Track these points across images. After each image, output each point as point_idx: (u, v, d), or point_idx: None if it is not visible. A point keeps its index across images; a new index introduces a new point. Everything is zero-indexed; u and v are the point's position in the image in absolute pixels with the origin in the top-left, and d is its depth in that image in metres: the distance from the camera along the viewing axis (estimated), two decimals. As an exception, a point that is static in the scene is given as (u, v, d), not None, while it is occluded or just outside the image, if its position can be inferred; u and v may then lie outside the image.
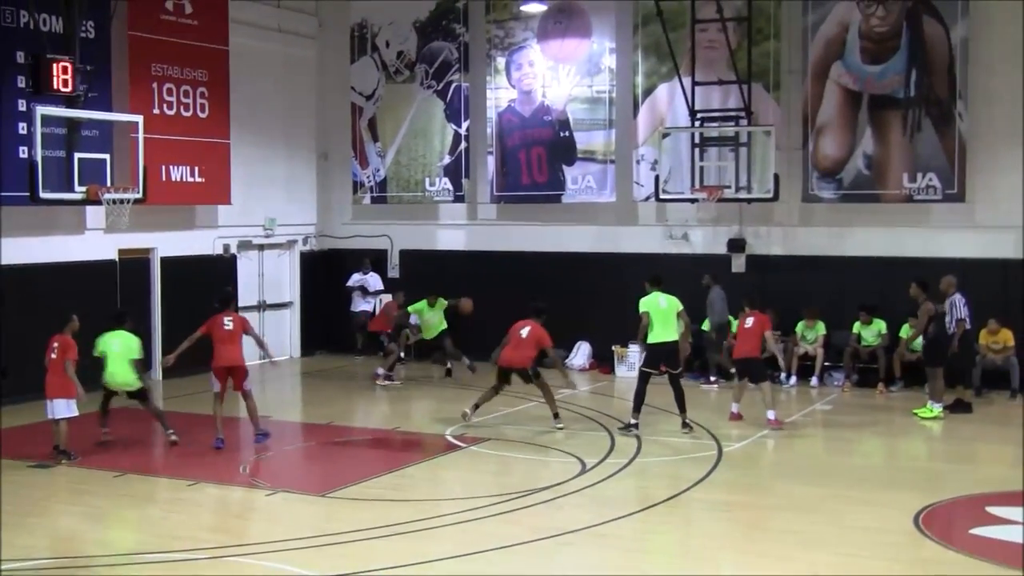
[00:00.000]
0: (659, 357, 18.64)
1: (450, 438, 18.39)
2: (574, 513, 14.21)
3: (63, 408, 16.63)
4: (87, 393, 16.88)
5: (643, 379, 18.75)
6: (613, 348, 25.07)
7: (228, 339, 17.83)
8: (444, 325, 24.49)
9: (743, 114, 24.16)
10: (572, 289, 25.44)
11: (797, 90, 24.33)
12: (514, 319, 19.07)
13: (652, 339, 18.58)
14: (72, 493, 15.37)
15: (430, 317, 24.39)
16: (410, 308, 24.62)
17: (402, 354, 25.32)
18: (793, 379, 23.22)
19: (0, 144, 20.67)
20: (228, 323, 17.87)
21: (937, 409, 20.03)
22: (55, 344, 16.81)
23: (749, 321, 19.67)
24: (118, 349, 17.40)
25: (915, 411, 20.31)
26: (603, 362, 25.54)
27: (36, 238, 21.76)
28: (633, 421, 18.59)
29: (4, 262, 21.04)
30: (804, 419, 20.18)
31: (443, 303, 24.43)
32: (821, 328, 23.38)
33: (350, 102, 28.44)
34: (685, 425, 18.59)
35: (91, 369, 17.51)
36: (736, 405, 19.78)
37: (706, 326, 23.70)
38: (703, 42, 24.61)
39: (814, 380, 23.21)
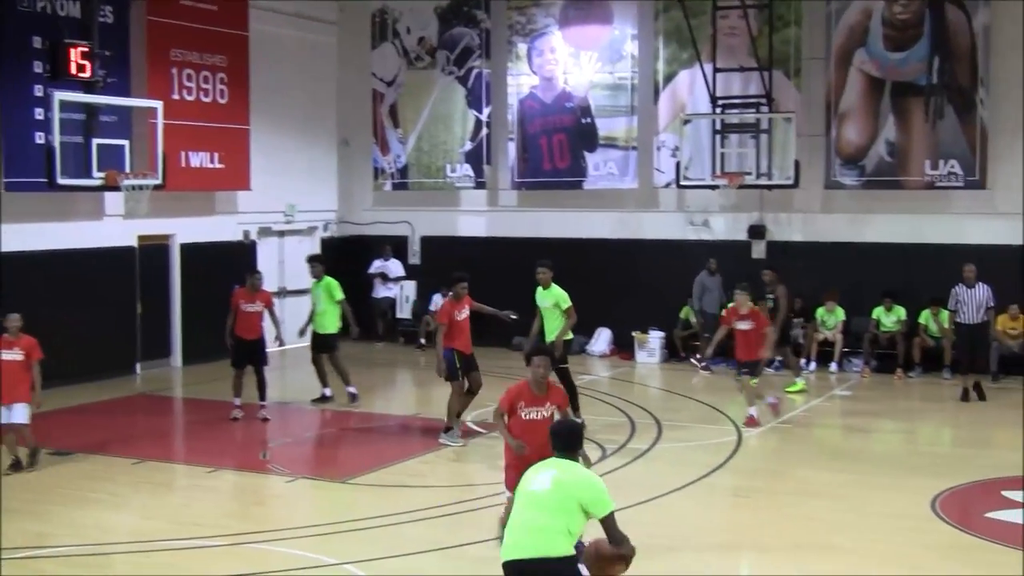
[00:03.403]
0: None
1: (471, 424, 18.22)
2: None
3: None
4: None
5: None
6: (633, 334, 25.08)
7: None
8: (335, 322, 20.32)
9: (764, 101, 24.10)
10: (593, 275, 25.33)
11: (818, 77, 24.23)
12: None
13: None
14: (91, 480, 15.31)
15: (317, 298, 20.31)
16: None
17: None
18: (812, 365, 23.18)
19: (17, 130, 20.60)
20: None
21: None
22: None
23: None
24: None
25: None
26: (623, 348, 25.51)
27: (54, 224, 21.66)
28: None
29: (22, 248, 20.93)
30: (823, 405, 20.11)
31: (333, 286, 20.16)
32: (840, 314, 23.34)
33: (371, 88, 28.43)
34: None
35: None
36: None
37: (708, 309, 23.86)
38: (724, 29, 24.54)
39: (833, 366, 23.20)
